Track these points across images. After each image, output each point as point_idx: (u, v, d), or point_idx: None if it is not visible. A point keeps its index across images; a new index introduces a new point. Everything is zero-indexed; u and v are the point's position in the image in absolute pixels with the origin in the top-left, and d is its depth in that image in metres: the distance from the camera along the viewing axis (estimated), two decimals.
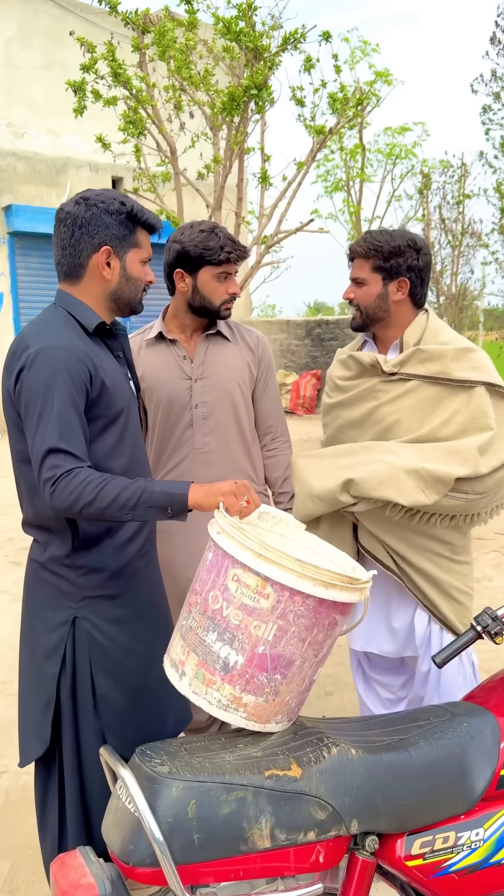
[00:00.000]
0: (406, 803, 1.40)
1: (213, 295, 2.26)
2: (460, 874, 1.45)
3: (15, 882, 2.28)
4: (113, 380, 1.76)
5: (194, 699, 1.45)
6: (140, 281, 1.83)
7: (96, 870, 1.28)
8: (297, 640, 1.41)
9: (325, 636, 1.44)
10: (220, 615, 1.42)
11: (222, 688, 1.42)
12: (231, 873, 1.28)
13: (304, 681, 1.47)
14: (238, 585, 1.40)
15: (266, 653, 1.40)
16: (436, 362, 2.13)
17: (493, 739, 1.53)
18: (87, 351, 1.70)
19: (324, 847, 1.33)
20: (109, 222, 1.74)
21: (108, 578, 1.77)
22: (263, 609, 1.39)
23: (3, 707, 3.30)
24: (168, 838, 1.22)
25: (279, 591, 1.37)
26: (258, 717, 1.43)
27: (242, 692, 1.41)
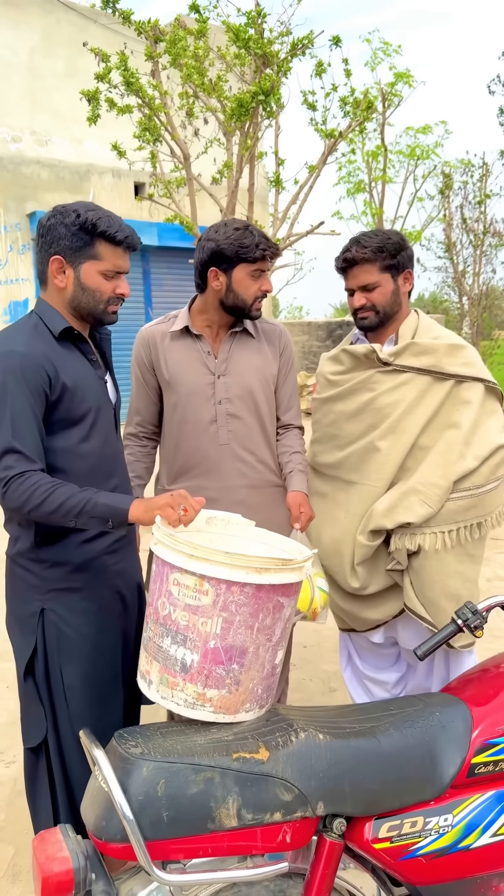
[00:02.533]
0: (373, 788, 1.44)
1: (246, 292, 2.26)
2: (428, 858, 1.50)
3: (18, 866, 2.37)
4: (78, 382, 1.82)
5: (163, 703, 1.52)
6: (98, 292, 1.86)
7: (72, 845, 1.35)
8: (244, 629, 1.47)
9: (273, 620, 1.50)
10: (170, 619, 1.50)
11: (185, 687, 1.48)
12: (200, 850, 1.33)
13: (265, 666, 1.53)
14: (179, 588, 1.48)
15: (218, 646, 1.47)
16: (429, 356, 2.21)
17: (465, 729, 1.57)
18: (48, 355, 1.78)
19: (290, 827, 1.38)
20: (63, 233, 1.81)
21: (72, 572, 1.85)
22: (205, 605, 1.46)
23: (14, 700, 3.39)
24: (138, 815, 1.28)
25: (216, 585, 1.44)
26: (226, 709, 1.49)
27: (205, 688, 1.47)
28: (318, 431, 2.45)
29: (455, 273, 11.95)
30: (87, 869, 1.33)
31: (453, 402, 2.18)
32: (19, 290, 11.62)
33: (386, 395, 2.24)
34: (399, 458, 2.22)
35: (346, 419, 2.34)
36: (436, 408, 2.18)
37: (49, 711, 1.85)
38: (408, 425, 2.21)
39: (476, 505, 2.14)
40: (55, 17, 11.44)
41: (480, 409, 2.16)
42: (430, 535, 2.17)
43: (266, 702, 1.55)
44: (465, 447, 2.13)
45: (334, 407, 2.37)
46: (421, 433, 2.20)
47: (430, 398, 2.20)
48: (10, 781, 2.79)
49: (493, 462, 2.15)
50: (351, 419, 2.32)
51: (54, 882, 1.30)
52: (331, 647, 3.90)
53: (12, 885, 2.29)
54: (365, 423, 2.29)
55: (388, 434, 2.22)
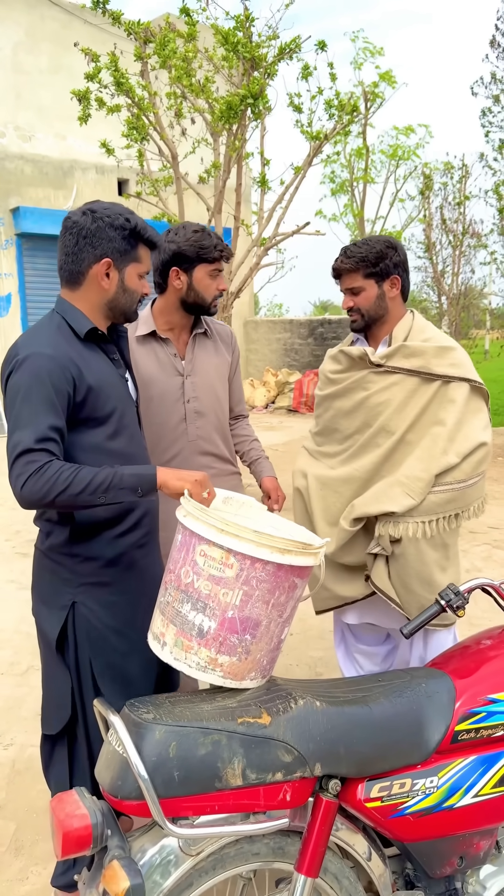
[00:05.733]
0: (365, 751, 1.57)
1: (206, 291, 2.42)
2: (415, 816, 1.62)
3: (20, 841, 2.46)
4: (102, 382, 1.87)
5: (175, 664, 1.62)
6: (136, 293, 1.94)
7: (89, 804, 1.45)
8: (261, 603, 1.58)
9: (286, 598, 1.62)
10: (192, 587, 1.59)
11: (199, 651, 1.59)
12: (207, 808, 1.44)
13: (273, 640, 1.64)
14: (205, 559, 1.58)
15: (235, 616, 1.58)
16: (418, 357, 2.34)
17: (449, 699, 1.70)
18: (73, 357, 1.82)
19: (290, 787, 1.50)
20: (113, 236, 1.86)
21: (103, 567, 1.92)
22: (229, 577, 1.56)
23: (9, 686, 3.49)
24: (151, 775, 1.39)
25: (241, 560, 1.55)
26: (234, 675, 1.60)
27: (217, 654, 1.58)
28: (320, 425, 2.58)
29: (434, 273, 12.14)
30: (104, 825, 1.43)
31: (440, 401, 2.30)
32: (2, 285, 11.63)
33: (378, 394, 2.37)
34: (387, 453, 2.35)
35: (343, 415, 2.47)
36: (423, 406, 2.31)
37: (79, 701, 1.93)
38: (397, 423, 2.33)
39: (456, 498, 2.26)
40: (39, 12, 11.45)
41: (465, 408, 2.28)
42: (412, 524, 2.28)
43: (268, 672, 1.67)
44: (449, 444, 2.25)
45: (333, 403, 2.49)
46: (408, 430, 2.32)
47: (418, 398, 2.32)
48: (8, 763, 2.89)
49: (475, 459, 2.27)
50: (347, 415, 2.45)
51: (74, 837, 1.40)
52: (315, 634, 4.03)
53: (15, 858, 2.39)
54: (360, 419, 2.42)
55: (381, 431, 2.35)
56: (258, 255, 5.72)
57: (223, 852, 1.54)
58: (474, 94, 11.26)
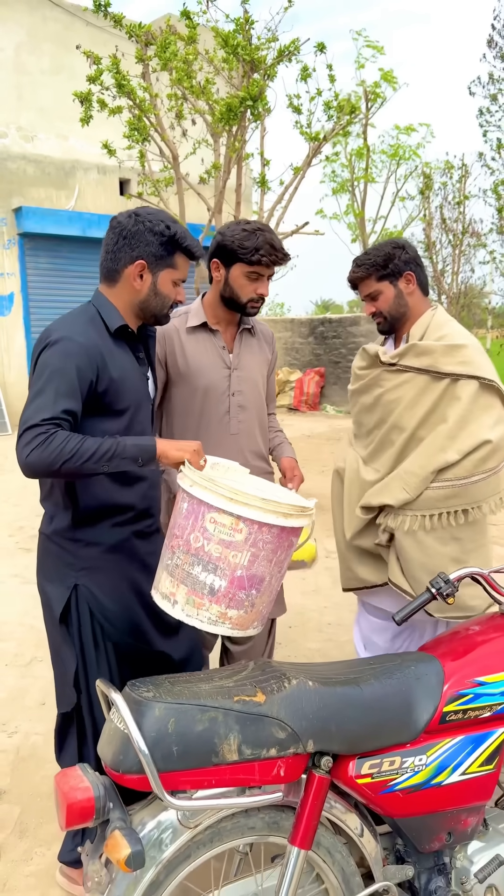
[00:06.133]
0: (356, 729, 1.63)
1: (241, 291, 2.39)
2: (404, 793, 1.69)
3: (24, 823, 2.54)
4: (124, 377, 1.96)
5: (187, 620, 1.78)
6: (168, 298, 2.02)
7: (92, 778, 1.52)
8: (266, 562, 1.78)
9: (285, 555, 1.84)
10: (203, 551, 1.75)
11: (211, 608, 1.77)
12: (205, 782, 1.51)
13: (273, 592, 1.86)
14: (215, 525, 1.73)
15: (243, 575, 1.76)
16: (428, 356, 2.38)
17: (437, 681, 1.76)
18: (101, 348, 1.91)
19: (284, 763, 1.57)
20: (151, 240, 1.95)
21: (105, 552, 2.00)
22: (238, 541, 1.73)
23: (14, 677, 3.56)
24: (151, 749, 1.46)
25: (250, 525, 1.72)
26: (240, 626, 1.81)
27: (227, 608, 1.77)
28: (352, 418, 2.71)
29: (434, 272, 12.20)
30: (106, 798, 1.50)
31: (447, 398, 2.34)
32: (4, 285, 11.71)
33: (390, 392, 2.45)
34: (401, 449, 2.42)
35: (364, 411, 2.57)
36: (432, 404, 2.35)
37: (83, 679, 2.02)
38: (408, 420, 2.40)
39: (458, 494, 2.30)
40: (41, 13, 11.52)
41: (472, 405, 2.31)
42: (410, 516, 2.36)
43: (266, 620, 1.89)
44: (449, 441, 2.29)
45: (358, 399, 2.60)
46: (419, 427, 2.37)
47: (427, 395, 2.38)
48: (13, 750, 2.96)
49: (478, 456, 2.29)
50: (367, 411, 2.55)
51: (77, 808, 1.47)
52: (313, 626, 4.10)
53: (20, 840, 2.46)
54: (377, 415, 2.50)
55: (394, 428, 2.43)
56: None
57: (220, 826, 1.61)
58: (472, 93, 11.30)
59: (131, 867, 1.41)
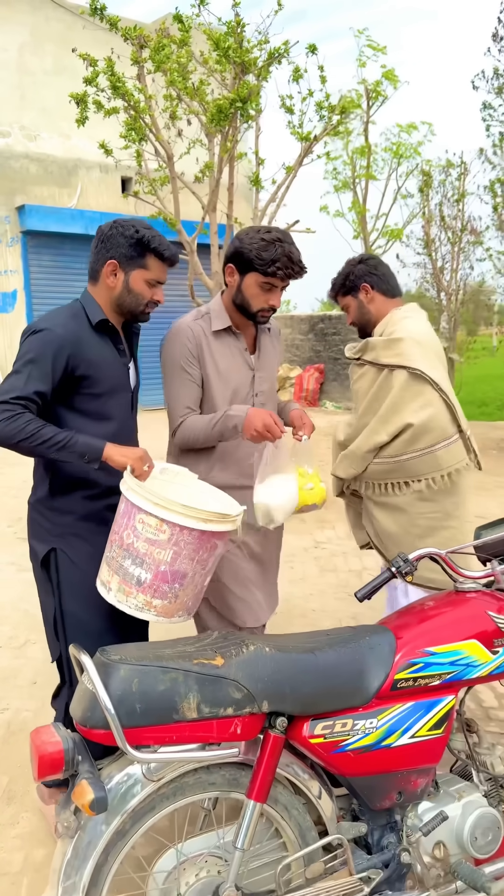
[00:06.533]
0: (309, 692, 1.76)
1: (252, 300, 2.37)
2: (355, 753, 1.82)
3: (12, 791, 2.68)
4: (101, 365, 2.19)
5: (118, 605, 1.99)
6: (142, 296, 2.23)
7: (63, 733, 1.65)
8: (188, 560, 1.97)
9: (208, 555, 2.01)
10: (132, 547, 1.97)
11: (137, 596, 1.99)
12: (166, 738, 1.64)
13: (197, 587, 2.05)
14: (143, 525, 1.95)
15: (167, 570, 1.96)
16: (373, 350, 2.69)
17: (390, 651, 1.89)
18: (79, 339, 2.15)
19: (241, 721, 1.69)
20: (122, 243, 2.17)
21: (77, 520, 2.22)
22: (162, 540, 1.94)
23: (7, 658, 3.70)
24: (116, 706, 1.59)
25: (172, 527, 1.92)
26: (165, 614, 2.03)
27: (152, 598, 1.99)
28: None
29: (434, 269, 12.29)
30: (75, 751, 1.63)
31: (385, 387, 2.61)
32: (7, 282, 11.86)
33: (355, 383, 2.79)
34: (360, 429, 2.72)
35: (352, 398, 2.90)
36: (375, 392, 2.64)
37: (62, 631, 2.26)
38: (364, 407, 2.71)
39: (395, 469, 2.59)
40: (44, 14, 11.65)
41: (402, 392, 2.54)
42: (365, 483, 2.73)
43: (193, 610, 2.11)
44: (381, 424, 2.59)
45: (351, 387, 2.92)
46: (365, 412, 2.69)
47: (374, 385, 2.67)
48: (4, 724, 3.10)
49: (404, 438, 2.56)
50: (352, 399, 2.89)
51: (48, 760, 1.60)
52: (298, 613, 4.23)
53: (7, 806, 2.60)
54: (354, 402, 2.84)
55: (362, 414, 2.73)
56: None
57: (182, 780, 1.74)
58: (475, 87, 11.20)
59: (95, 811, 1.54)
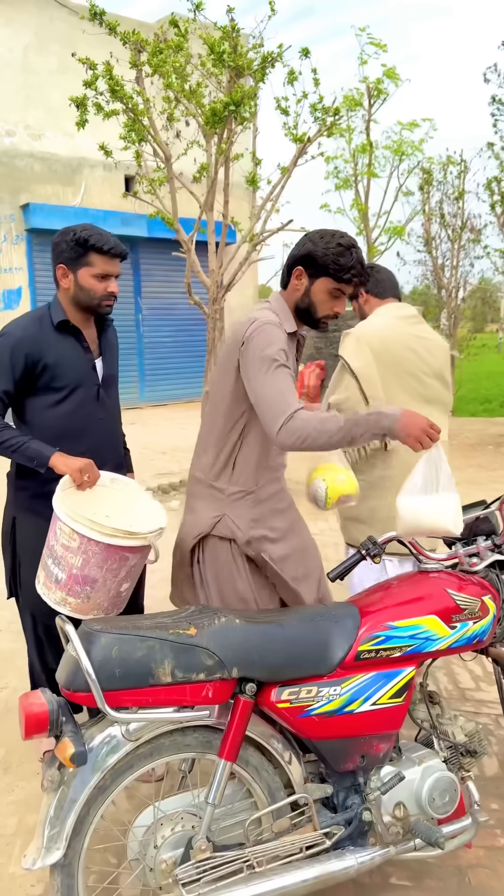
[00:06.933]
0: (276, 660, 1.91)
1: (320, 306, 2.27)
2: (320, 717, 1.96)
3: (8, 762, 2.84)
4: (62, 362, 2.44)
5: (43, 597, 2.28)
6: (93, 290, 2.43)
7: (49, 697, 1.80)
8: (97, 568, 2.20)
9: (119, 565, 2.22)
10: (54, 549, 2.24)
11: (56, 592, 2.25)
12: (143, 700, 1.79)
13: (110, 591, 2.26)
14: (61, 532, 2.19)
15: (78, 574, 2.20)
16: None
17: (353, 625, 2.03)
18: (39, 340, 2.41)
19: (212, 686, 1.84)
20: (65, 247, 2.41)
21: (31, 498, 2.51)
22: (73, 547, 2.18)
23: (7, 641, 3.87)
24: (97, 671, 1.74)
25: (80, 537, 2.16)
26: (80, 611, 2.25)
27: (67, 595, 2.23)
28: None
29: (434, 267, 12.39)
30: (59, 713, 1.78)
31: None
32: (13, 279, 12.02)
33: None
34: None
35: None
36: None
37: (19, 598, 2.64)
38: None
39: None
40: (48, 14, 11.80)
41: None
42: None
43: (111, 612, 2.32)
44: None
45: None
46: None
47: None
48: (2, 702, 3.27)
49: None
50: None
51: (34, 719, 1.75)
52: None
53: (3, 775, 2.76)
54: None
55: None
56: (247, 251, 6.06)
57: (159, 741, 1.89)
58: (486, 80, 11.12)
59: (76, 763, 1.70)
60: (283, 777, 2.04)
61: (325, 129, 5.63)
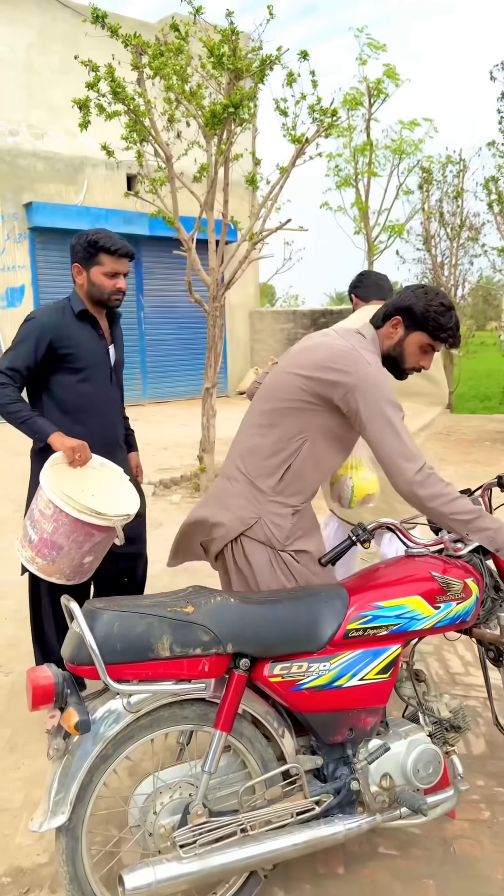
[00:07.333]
0: (269, 637, 2.02)
1: (409, 359, 2.34)
2: (310, 691, 2.08)
3: (14, 741, 2.96)
4: (81, 346, 2.83)
5: (17, 553, 2.68)
6: (103, 287, 2.83)
7: (55, 670, 1.92)
8: (64, 537, 2.55)
9: (84, 538, 2.57)
10: (33, 512, 2.60)
11: (28, 551, 2.62)
12: (143, 673, 1.90)
13: (73, 560, 2.61)
14: (41, 499, 2.57)
15: (48, 538, 2.56)
16: None
17: (342, 605, 2.15)
18: (61, 325, 2.81)
19: (208, 661, 1.96)
20: (79, 249, 2.82)
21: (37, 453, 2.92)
22: (48, 514, 2.54)
23: (12, 629, 3.99)
24: (100, 646, 1.85)
25: (55, 507, 2.51)
26: (45, 572, 2.63)
27: (36, 556, 2.61)
28: None
29: (433, 265, 12.49)
30: (64, 685, 1.90)
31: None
32: (16, 277, 12.14)
33: None
34: None
35: None
36: None
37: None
38: None
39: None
40: (51, 14, 11.90)
41: None
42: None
43: (73, 579, 2.69)
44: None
45: None
46: None
47: None
48: (8, 685, 3.39)
49: None
50: None
51: (41, 691, 1.87)
52: None
53: (10, 754, 2.88)
54: None
55: None
56: (247, 249, 6.17)
57: (158, 713, 2.00)
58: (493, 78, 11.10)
59: (80, 731, 1.81)
60: (276, 750, 2.15)
61: (324, 129, 5.73)
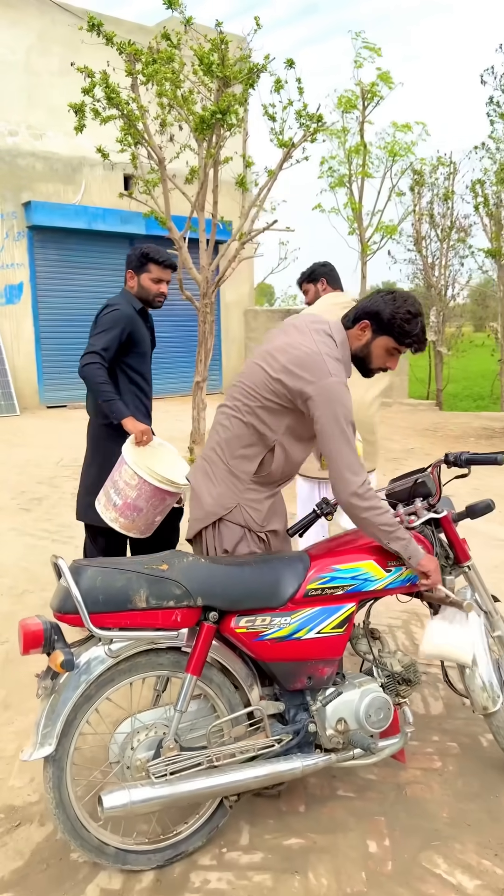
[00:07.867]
0: (235, 593, 2.27)
1: (376, 360, 2.51)
2: (272, 642, 2.33)
3: (8, 700, 3.21)
4: (141, 334, 3.54)
5: (101, 514, 3.22)
6: (150, 290, 3.56)
7: (43, 619, 2.17)
8: (144, 501, 3.11)
9: (159, 502, 3.14)
10: (117, 482, 3.16)
11: (112, 512, 3.19)
12: (122, 622, 2.16)
13: (148, 520, 3.19)
14: (125, 472, 3.11)
15: (131, 503, 3.12)
16: None
17: (303, 568, 2.40)
18: (133, 317, 3.50)
19: (180, 613, 2.21)
20: (133, 258, 3.54)
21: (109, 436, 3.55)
22: (132, 484, 3.09)
23: (8, 604, 4.24)
24: (84, 596, 2.10)
25: (139, 479, 3.07)
26: (125, 529, 3.20)
27: (119, 517, 3.17)
28: None
29: (424, 265, 12.76)
30: (52, 632, 2.15)
31: None
32: (14, 275, 12.37)
33: None
34: None
35: None
36: None
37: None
38: None
39: None
40: (51, 17, 12.14)
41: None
42: None
43: (145, 533, 3.26)
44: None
45: None
46: None
47: None
48: (3, 653, 3.64)
49: None
50: None
51: (31, 636, 2.12)
52: None
53: (4, 711, 3.13)
54: None
55: None
56: (236, 248, 6.42)
57: (136, 660, 2.26)
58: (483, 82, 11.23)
59: (65, 669, 2.06)
60: (244, 697, 2.41)
61: (310, 134, 5.99)
